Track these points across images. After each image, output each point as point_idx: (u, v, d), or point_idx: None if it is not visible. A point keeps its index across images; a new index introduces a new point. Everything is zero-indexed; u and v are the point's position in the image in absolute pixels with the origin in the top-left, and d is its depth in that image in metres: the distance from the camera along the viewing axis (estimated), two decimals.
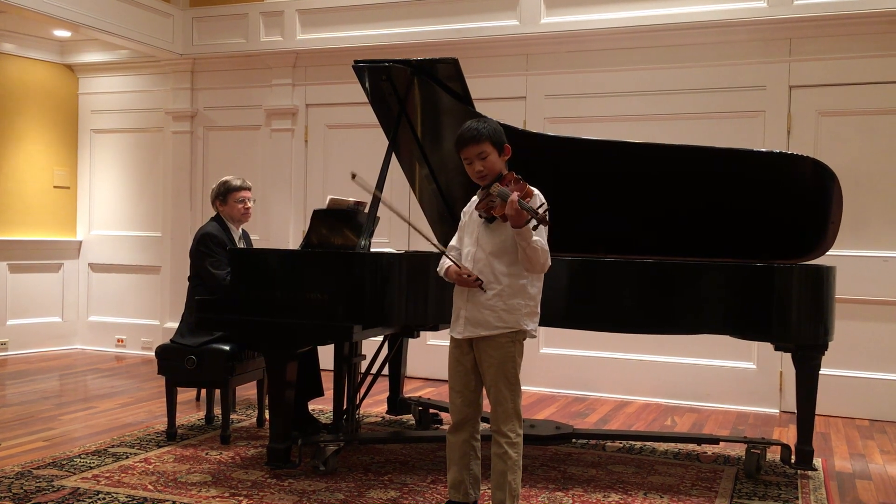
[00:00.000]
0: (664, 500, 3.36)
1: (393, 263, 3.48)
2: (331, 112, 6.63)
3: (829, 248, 3.82)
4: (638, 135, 5.37)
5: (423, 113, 3.93)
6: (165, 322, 7.06)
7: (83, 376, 6.14)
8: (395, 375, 4.61)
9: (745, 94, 5.44)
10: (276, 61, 6.72)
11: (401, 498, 3.30)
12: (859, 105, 5.21)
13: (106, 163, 7.48)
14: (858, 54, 5.18)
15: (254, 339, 3.77)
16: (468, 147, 2.78)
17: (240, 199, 4.33)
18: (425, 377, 6.18)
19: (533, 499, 3.34)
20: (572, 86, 5.86)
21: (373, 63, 3.73)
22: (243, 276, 3.56)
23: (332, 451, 3.60)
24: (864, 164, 5.18)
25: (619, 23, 5.64)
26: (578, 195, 3.89)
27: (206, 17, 6.96)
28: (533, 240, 2.64)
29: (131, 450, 3.95)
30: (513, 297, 2.75)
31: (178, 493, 3.30)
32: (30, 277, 7.12)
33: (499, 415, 2.79)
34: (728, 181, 3.80)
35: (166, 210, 7.17)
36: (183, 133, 7.10)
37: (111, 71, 7.42)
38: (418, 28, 6.21)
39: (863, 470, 4.00)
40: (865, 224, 5.16)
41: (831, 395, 5.05)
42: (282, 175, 6.75)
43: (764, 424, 4.97)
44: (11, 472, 3.53)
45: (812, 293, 3.62)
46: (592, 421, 4.97)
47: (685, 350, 5.52)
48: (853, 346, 5.15)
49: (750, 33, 5.40)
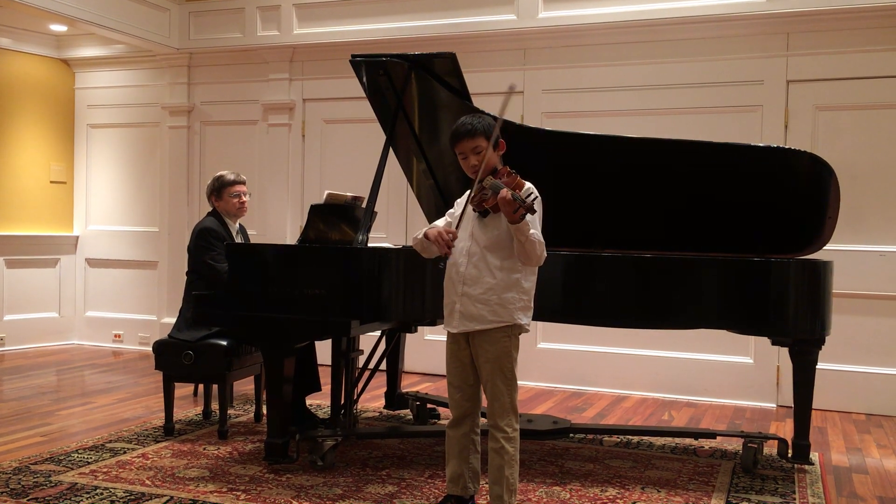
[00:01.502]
0: (661, 495, 3.37)
1: (390, 258, 3.48)
2: (328, 107, 6.62)
3: (827, 243, 3.82)
4: (635, 129, 5.35)
5: (420, 108, 3.93)
6: (163, 317, 7.05)
7: (80, 371, 6.13)
8: (393, 370, 4.62)
9: (743, 88, 5.44)
10: (272, 56, 6.71)
11: (398, 492, 3.30)
12: (857, 99, 5.21)
13: (102, 158, 7.46)
14: (856, 49, 5.18)
15: (251, 335, 3.78)
16: (462, 142, 2.79)
17: (235, 194, 4.32)
18: (423, 372, 6.18)
19: (531, 493, 3.35)
20: (570, 80, 5.86)
21: (370, 58, 3.72)
22: (241, 272, 3.56)
23: (330, 446, 3.60)
24: (862, 158, 5.19)
25: (617, 17, 5.64)
26: (575, 190, 3.89)
27: (202, 11, 6.94)
28: (530, 232, 2.64)
29: (129, 445, 3.95)
30: (507, 291, 2.75)
31: (176, 488, 3.30)
32: (26, 273, 7.11)
33: (495, 409, 2.80)
34: (725, 176, 3.80)
35: (163, 205, 7.16)
36: (180, 128, 7.09)
37: (107, 66, 7.40)
38: (416, 22, 6.20)
39: (859, 464, 4.01)
40: (863, 218, 5.17)
41: (828, 389, 5.06)
42: (279, 170, 6.74)
43: (761, 419, 4.98)
44: (9, 467, 3.53)
45: (809, 288, 3.63)
46: (590, 415, 4.97)
47: (682, 345, 5.52)
48: (850, 341, 5.16)
49: (747, 28, 5.39)
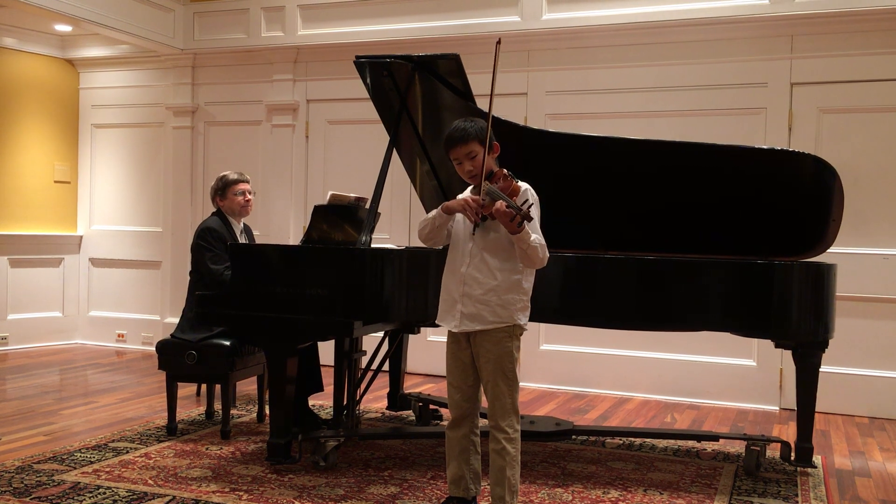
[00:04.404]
0: (664, 497, 3.37)
1: (393, 259, 3.48)
2: (332, 108, 6.62)
3: (830, 246, 3.81)
4: (639, 131, 5.36)
5: (424, 109, 3.93)
6: (166, 317, 7.07)
7: (83, 371, 6.14)
8: (396, 371, 4.62)
9: (747, 90, 5.44)
10: (277, 57, 6.72)
11: (401, 493, 3.30)
12: (861, 102, 5.20)
13: (106, 158, 7.47)
14: (860, 51, 5.18)
15: (254, 335, 3.78)
16: (456, 147, 2.78)
17: (239, 192, 4.32)
18: (425, 373, 6.18)
19: (533, 495, 3.34)
20: (573, 82, 5.85)
21: (374, 59, 3.72)
22: (244, 271, 3.56)
23: (333, 446, 3.60)
24: (866, 161, 5.18)
25: (620, 19, 5.64)
26: (578, 192, 3.89)
27: (206, 11, 6.95)
28: (532, 239, 2.64)
29: (132, 444, 3.95)
30: (508, 292, 2.75)
31: (179, 487, 3.30)
32: (30, 272, 7.12)
33: (496, 410, 2.79)
34: (729, 178, 3.79)
35: (167, 205, 7.17)
36: (184, 128, 7.10)
37: (112, 66, 7.41)
38: (420, 24, 6.20)
39: (862, 467, 4.00)
40: (866, 221, 5.16)
41: (831, 392, 5.05)
42: (283, 171, 6.75)
43: (764, 421, 4.97)
44: (12, 466, 3.54)
45: (812, 290, 3.62)
46: (592, 417, 4.97)
47: (685, 347, 5.51)
48: (853, 344, 5.15)
49: (751, 30, 5.39)
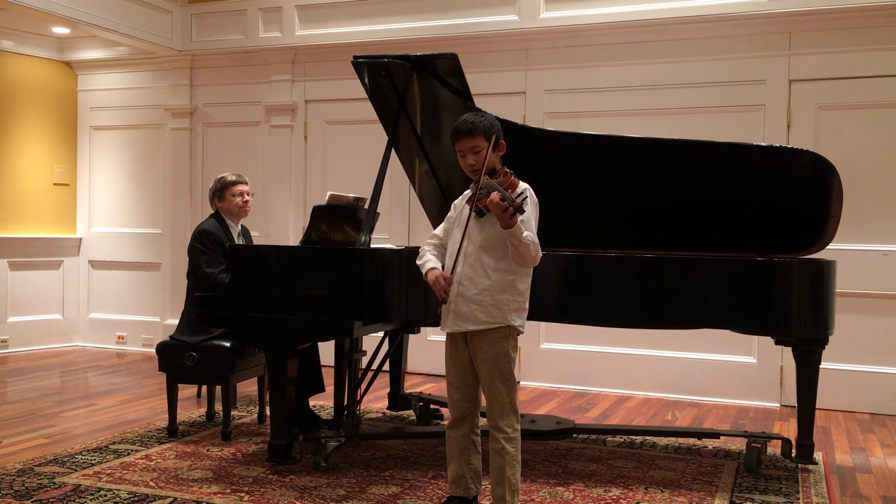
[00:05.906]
0: (665, 495, 3.37)
1: (392, 259, 3.48)
2: (330, 108, 6.62)
3: (830, 243, 3.81)
4: (637, 129, 5.36)
5: (422, 108, 3.93)
6: (166, 319, 7.06)
7: (84, 373, 6.14)
8: (396, 371, 4.62)
9: (745, 88, 5.44)
10: (275, 57, 6.72)
11: (402, 493, 3.30)
12: (859, 99, 5.20)
13: (105, 160, 7.47)
14: (858, 48, 5.18)
15: (254, 336, 3.77)
16: (462, 140, 2.79)
17: (237, 193, 4.32)
18: (426, 373, 6.19)
19: (534, 493, 3.35)
20: (572, 81, 5.86)
21: (372, 59, 3.72)
22: (243, 273, 3.56)
23: (333, 447, 3.60)
24: (865, 157, 5.18)
25: (618, 17, 5.64)
26: (578, 190, 3.89)
27: (204, 13, 6.95)
28: (524, 235, 2.63)
29: (132, 446, 3.95)
30: (501, 292, 2.75)
31: (180, 489, 3.30)
32: (30, 275, 7.12)
33: (495, 410, 2.79)
34: (728, 176, 3.79)
35: (166, 207, 7.17)
36: (182, 130, 7.10)
37: (110, 67, 7.41)
38: (417, 23, 6.20)
39: (863, 463, 4.00)
40: (865, 218, 5.16)
41: (832, 389, 5.05)
42: (281, 171, 6.75)
43: (764, 418, 4.97)
44: (13, 469, 3.54)
45: (812, 287, 3.62)
46: (593, 416, 4.97)
47: (686, 344, 5.52)
48: (853, 340, 5.15)
49: (749, 27, 5.39)
